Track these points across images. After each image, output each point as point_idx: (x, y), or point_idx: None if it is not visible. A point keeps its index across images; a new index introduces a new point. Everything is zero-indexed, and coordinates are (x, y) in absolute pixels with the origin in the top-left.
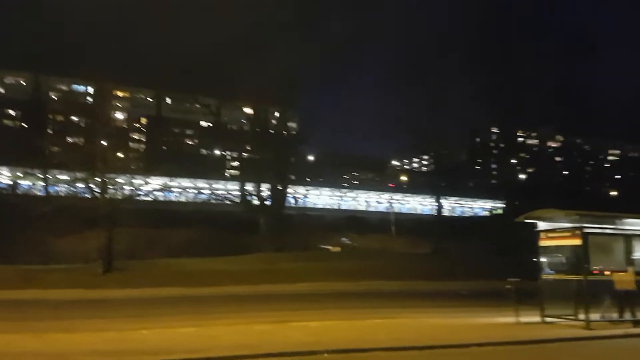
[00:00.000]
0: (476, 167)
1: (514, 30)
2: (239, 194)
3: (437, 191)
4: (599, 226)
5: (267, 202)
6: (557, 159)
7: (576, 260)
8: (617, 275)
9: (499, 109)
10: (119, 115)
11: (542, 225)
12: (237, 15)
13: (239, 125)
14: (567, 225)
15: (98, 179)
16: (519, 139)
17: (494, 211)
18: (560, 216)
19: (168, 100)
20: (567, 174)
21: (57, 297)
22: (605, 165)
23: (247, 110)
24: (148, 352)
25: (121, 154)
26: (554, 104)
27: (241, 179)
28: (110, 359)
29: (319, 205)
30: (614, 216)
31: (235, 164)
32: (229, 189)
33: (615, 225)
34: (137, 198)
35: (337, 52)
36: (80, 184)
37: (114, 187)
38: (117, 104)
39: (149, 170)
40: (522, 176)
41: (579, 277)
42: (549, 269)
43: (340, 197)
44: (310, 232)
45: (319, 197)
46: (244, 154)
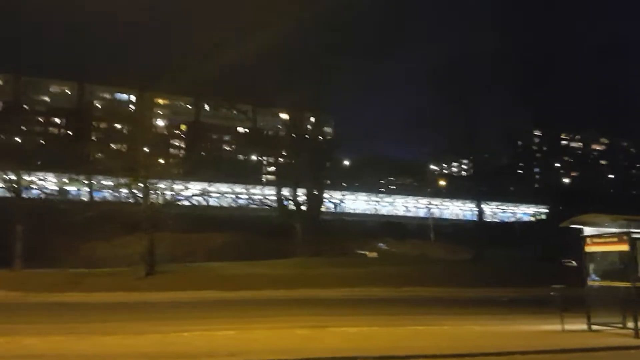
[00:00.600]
0: (518, 171)
1: (557, 32)
2: (276, 198)
3: (478, 196)
4: None
5: (303, 207)
6: (602, 162)
7: (624, 267)
8: None
9: (541, 111)
10: (159, 122)
11: (588, 231)
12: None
13: (275, 131)
14: (613, 230)
15: (140, 184)
16: (562, 142)
17: (537, 216)
18: (606, 221)
19: (206, 107)
20: (613, 177)
21: (101, 300)
22: None
23: (283, 115)
24: (189, 355)
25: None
26: (598, 106)
27: (277, 184)
28: None
29: (355, 211)
30: None
31: (271, 169)
32: (265, 194)
33: None
34: (177, 203)
35: (373, 56)
36: (124, 190)
37: (155, 193)
38: (158, 111)
39: (188, 175)
40: (565, 180)
41: (627, 284)
42: (595, 276)
43: (377, 202)
44: (347, 238)
45: (355, 202)
46: (280, 159)
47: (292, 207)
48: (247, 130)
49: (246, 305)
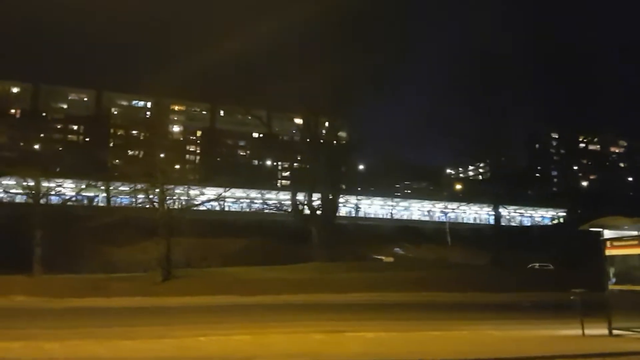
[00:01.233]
0: (536, 174)
1: (574, 32)
2: (291, 203)
3: (495, 200)
4: None
5: (319, 212)
6: (621, 164)
7: None
8: None
9: (559, 113)
10: (175, 129)
11: (608, 234)
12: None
13: (289, 136)
14: (634, 233)
15: (157, 190)
16: (580, 144)
17: (555, 220)
18: (626, 224)
19: (221, 113)
20: (632, 180)
21: (120, 305)
22: None
23: (298, 120)
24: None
25: (178, 166)
26: (616, 108)
27: (292, 189)
28: None
29: (371, 215)
30: None
31: (286, 173)
32: (280, 198)
33: None
34: (194, 208)
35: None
36: (141, 195)
37: (171, 198)
38: (174, 117)
39: (204, 181)
40: (584, 183)
41: None
42: (615, 279)
43: (393, 206)
44: (363, 242)
45: (371, 207)
46: (295, 163)
47: (307, 211)
48: (262, 135)
49: (262, 310)
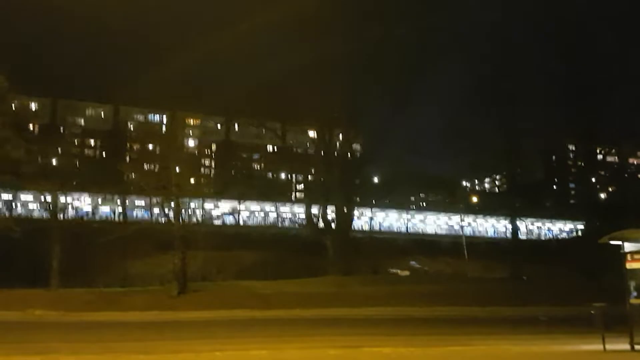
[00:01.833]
0: (553, 186)
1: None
2: (305, 216)
3: (513, 212)
4: None
5: (333, 225)
6: (639, 176)
7: None
8: None
9: (577, 125)
10: (190, 142)
11: (629, 247)
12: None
13: (304, 148)
14: None
15: (172, 203)
16: (598, 156)
17: (572, 233)
18: None
19: (236, 126)
20: None
21: (135, 319)
22: None
23: (312, 133)
24: None
25: (193, 179)
26: (636, 120)
27: (307, 202)
28: None
29: (386, 228)
30: None
31: (300, 186)
32: (295, 211)
33: None
34: (209, 221)
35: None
36: (156, 209)
37: (187, 211)
38: (189, 131)
39: (219, 194)
40: (602, 195)
41: None
42: (636, 293)
43: (408, 219)
44: (378, 255)
45: (386, 220)
46: (309, 176)
47: (322, 224)
48: (276, 148)
49: (278, 324)
